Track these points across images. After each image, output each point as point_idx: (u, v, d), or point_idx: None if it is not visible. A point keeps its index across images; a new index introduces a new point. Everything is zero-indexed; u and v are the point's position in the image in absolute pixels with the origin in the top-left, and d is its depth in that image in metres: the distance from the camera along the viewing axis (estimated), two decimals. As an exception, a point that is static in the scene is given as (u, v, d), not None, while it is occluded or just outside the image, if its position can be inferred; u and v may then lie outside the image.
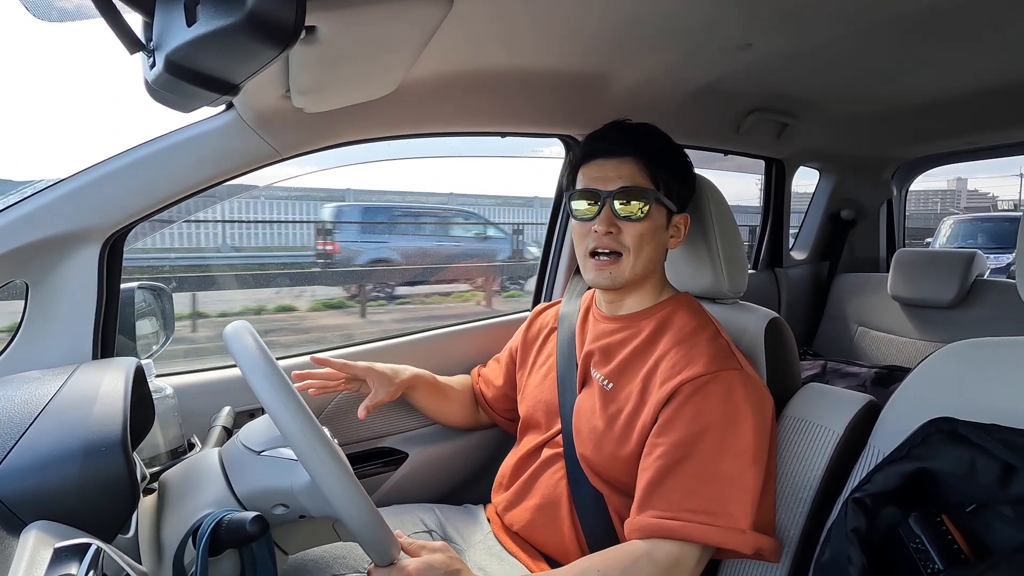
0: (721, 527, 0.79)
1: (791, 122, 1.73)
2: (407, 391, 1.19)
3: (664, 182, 0.96)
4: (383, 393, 1.12)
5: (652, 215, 0.95)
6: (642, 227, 0.94)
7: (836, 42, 1.17)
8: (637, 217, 0.94)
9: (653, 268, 0.99)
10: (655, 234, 0.96)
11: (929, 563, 0.61)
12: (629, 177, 0.94)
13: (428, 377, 1.23)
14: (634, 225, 0.94)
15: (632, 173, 0.95)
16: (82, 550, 0.50)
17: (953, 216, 8.73)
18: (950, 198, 30.94)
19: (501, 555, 1.00)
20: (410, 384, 1.18)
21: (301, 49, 0.67)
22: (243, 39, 0.45)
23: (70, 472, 0.59)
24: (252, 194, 8.06)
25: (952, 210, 22.44)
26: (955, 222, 7.97)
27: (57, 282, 0.96)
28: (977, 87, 1.49)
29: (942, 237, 7.73)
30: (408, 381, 1.17)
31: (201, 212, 6.97)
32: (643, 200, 0.94)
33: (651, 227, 0.95)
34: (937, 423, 0.68)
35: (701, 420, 0.83)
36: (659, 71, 1.25)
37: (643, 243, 0.95)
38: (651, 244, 0.96)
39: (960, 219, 8.15)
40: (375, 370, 1.13)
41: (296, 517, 0.77)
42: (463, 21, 0.89)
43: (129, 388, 0.70)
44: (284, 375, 0.66)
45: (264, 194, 8.09)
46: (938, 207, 26.39)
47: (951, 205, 28.66)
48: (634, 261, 0.95)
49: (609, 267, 0.95)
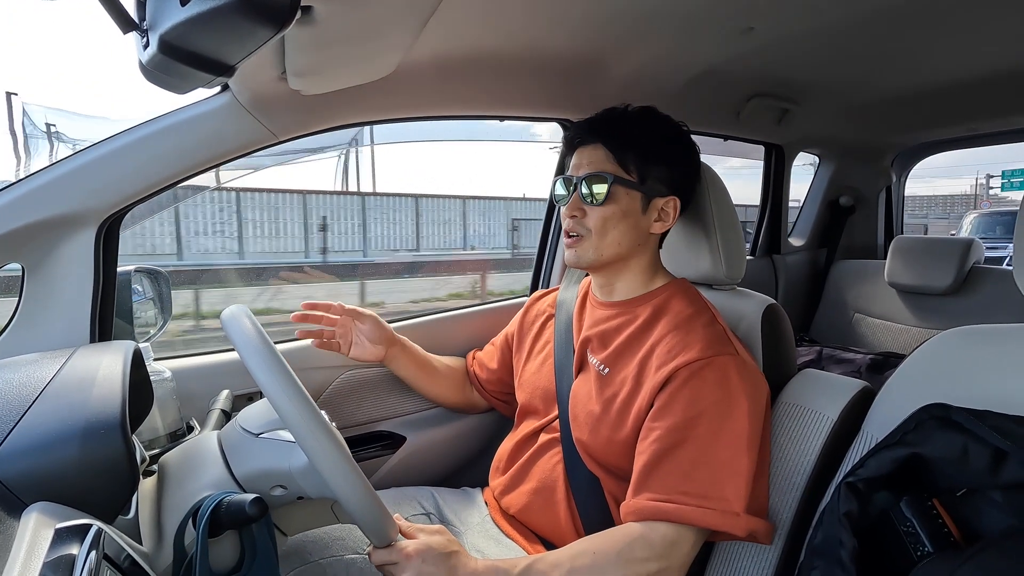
0: (716, 510, 0.80)
1: (792, 108, 1.72)
2: (389, 360, 1.19)
3: (637, 167, 0.97)
4: (366, 336, 1.14)
5: (617, 199, 0.97)
6: (604, 211, 0.97)
7: (837, 27, 1.16)
8: (598, 201, 0.97)
9: (627, 251, 1.00)
10: (622, 218, 0.97)
11: (919, 546, 0.62)
12: (596, 163, 0.98)
13: (415, 348, 1.24)
14: (596, 209, 0.97)
15: (599, 159, 0.98)
16: (83, 531, 0.50)
17: (975, 211, 9.19)
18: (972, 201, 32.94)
19: (498, 538, 1.02)
20: (397, 343, 1.19)
21: (297, 30, 0.66)
22: (238, 19, 0.45)
23: (70, 453, 0.59)
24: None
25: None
26: (977, 216, 8.39)
27: (53, 265, 0.96)
28: (978, 73, 1.48)
29: (964, 230, 8.00)
30: (394, 338, 1.19)
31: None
32: (603, 184, 0.96)
33: (615, 211, 0.97)
34: (930, 409, 0.68)
35: (697, 405, 0.84)
36: (659, 55, 1.23)
37: (606, 226, 0.97)
38: (618, 228, 0.97)
39: (981, 213, 8.60)
40: (366, 313, 1.15)
41: (294, 498, 0.77)
42: (461, 3, 0.87)
43: (127, 370, 0.70)
44: (282, 359, 0.66)
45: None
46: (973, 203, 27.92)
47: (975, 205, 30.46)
48: (597, 243, 0.98)
49: (575, 245, 1.00)
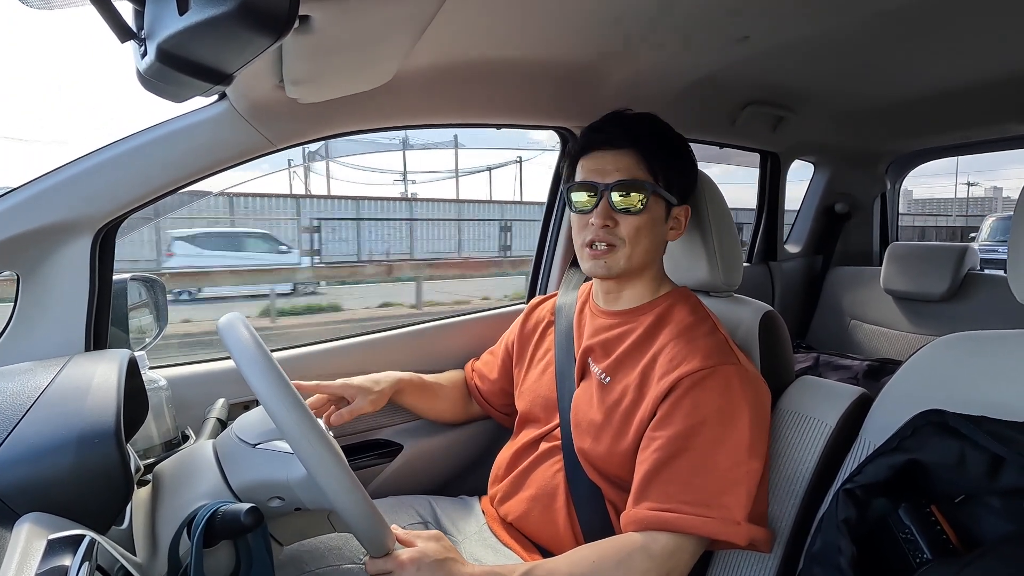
0: (716, 519, 0.79)
1: (787, 115, 1.73)
2: (394, 396, 1.16)
3: (663, 174, 0.96)
4: (366, 403, 1.09)
5: (650, 208, 0.94)
6: (639, 220, 0.94)
7: (831, 36, 1.17)
8: (637, 210, 0.93)
9: (650, 260, 0.99)
10: (653, 227, 0.96)
11: (918, 553, 0.62)
12: (627, 170, 0.94)
13: (414, 379, 1.20)
14: (631, 218, 0.94)
15: (630, 166, 0.94)
16: (76, 542, 0.49)
17: (994, 215, 9.58)
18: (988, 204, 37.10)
19: (496, 546, 1.01)
20: (395, 390, 1.15)
21: (294, 39, 0.66)
22: (236, 28, 0.45)
23: (63, 463, 0.59)
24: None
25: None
26: (995, 220, 8.69)
27: (48, 273, 0.95)
28: (972, 81, 1.49)
29: (984, 233, 8.43)
30: (391, 388, 1.14)
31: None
32: (641, 193, 0.93)
33: (648, 220, 0.95)
34: (927, 415, 0.68)
35: (698, 414, 0.84)
36: (655, 63, 1.24)
37: (640, 236, 0.94)
38: (648, 237, 0.95)
39: (1000, 217, 8.89)
40: (352, 385, 1.09)
41: (292, 510, 0.77)
42: (459, 11, 0.88)
43: (122, 379, 0.70)
44: (279, 367, 0.66)
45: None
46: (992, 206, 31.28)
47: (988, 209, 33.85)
48: (630, 252, 0.95)
49: (604, 256, 0.95)
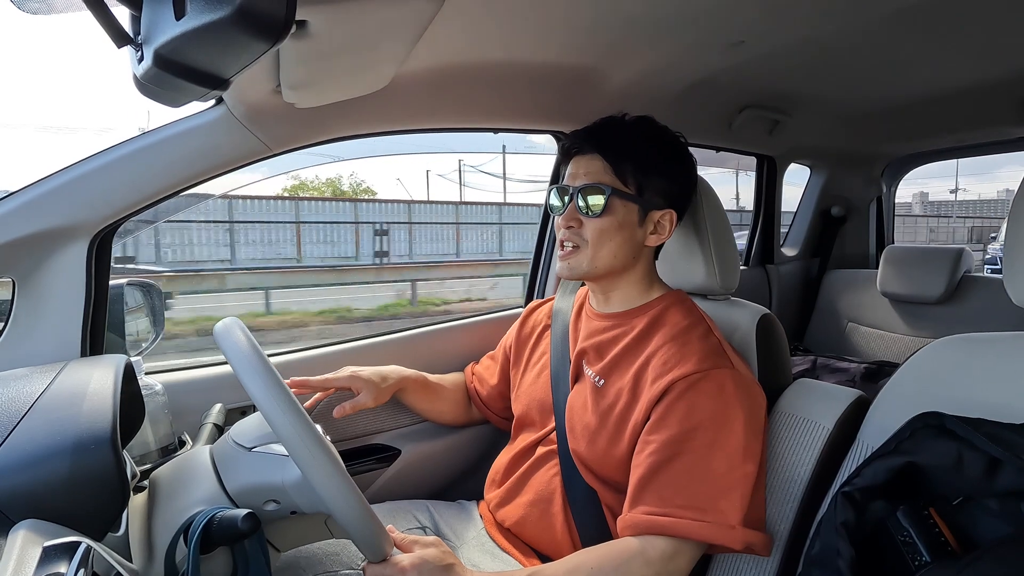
0: (711, 523, 0.79)
1: (783, 119, 1.74)
2: (398, 393, 1.18)
3: (634, 179, 0.97)
4: (370, 398, 1.10)
5: (613, 210, 0.96)
6: (601, 222, 0.96)
7: (827, 40, 1.18)
8: (596, 213, 0.96)
9: (622, 263, 0.99)
10: (619, 229, 0.97)
11: (917, 555, 0.62)
12: (593, 174, 0.97)
13: (418, 377, 1.22)
14: (593, 220, 0.97)
15: (597, 170, 0.97)
16: (71, 549, 0.49)
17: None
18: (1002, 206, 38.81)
19: (494, 551, 1.00)
20: (399, 387, 1.17)
21: (292, 43, 0.67)
22: (233, 33, 0.45)
23: (59, 469, 0.58)
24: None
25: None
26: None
27: (45, 279, 0.95)
28: (967, 84, 1.50)
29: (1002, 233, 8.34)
30: (396, 384, 1.16)
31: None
32: (599, 196, 0.96)
33: (612, 223, 0.96)
34: (925, 418, 0.68)
35: (692, 418, 0.84)
36: (651, 67, 1.24)
37: (603, 238, 0.96)
38: (614, 239, 0.97)
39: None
40: (360, 377, 1.11)
41: (288, 513, 0.76)
42: (455, 16, 0.88)
43: (119, 385, 0.70)
44: (275, 372, 0.66)
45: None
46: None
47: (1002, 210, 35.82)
48: (593, 254, 0.97)
49: (569, 256, 0.99)
